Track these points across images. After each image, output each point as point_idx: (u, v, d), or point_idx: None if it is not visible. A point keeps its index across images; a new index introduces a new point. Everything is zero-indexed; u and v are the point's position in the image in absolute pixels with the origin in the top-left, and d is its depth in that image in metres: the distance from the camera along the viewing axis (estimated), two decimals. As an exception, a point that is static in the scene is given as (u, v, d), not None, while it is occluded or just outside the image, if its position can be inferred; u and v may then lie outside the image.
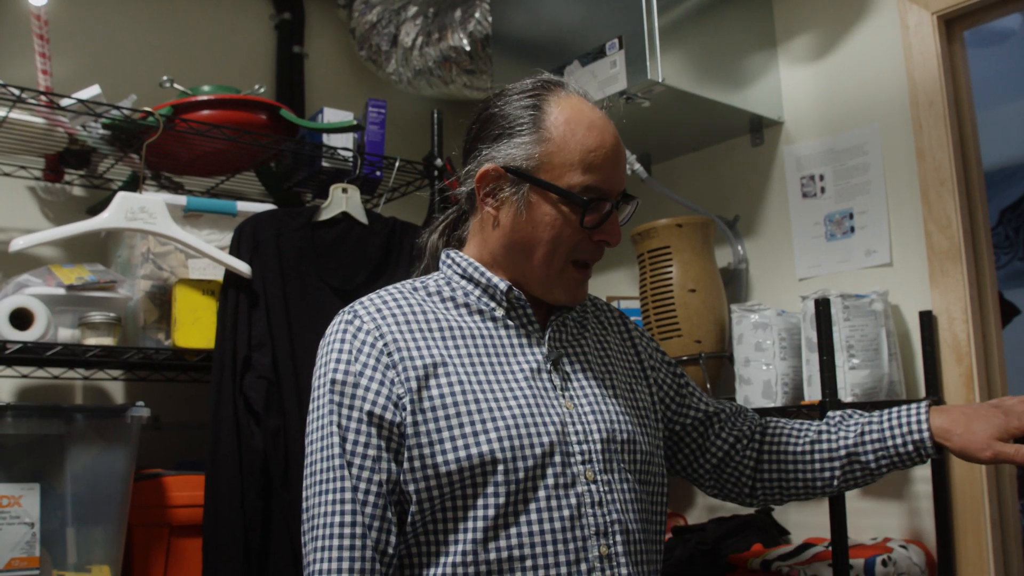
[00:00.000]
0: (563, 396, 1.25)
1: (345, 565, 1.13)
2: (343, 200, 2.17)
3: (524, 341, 1.27)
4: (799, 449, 1.40)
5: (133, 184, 2.29)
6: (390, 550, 1.16)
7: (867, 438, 1.35)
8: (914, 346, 1.96)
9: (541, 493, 1.17)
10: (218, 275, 2.11)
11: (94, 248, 2.40)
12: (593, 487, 1.20)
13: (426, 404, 1.17)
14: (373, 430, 1.17)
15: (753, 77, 2.23)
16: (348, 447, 1.17)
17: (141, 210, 1.95)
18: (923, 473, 1.92)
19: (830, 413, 1.43)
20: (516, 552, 1.14)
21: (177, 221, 2.04)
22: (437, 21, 2.67)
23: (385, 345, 1.20)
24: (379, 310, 1.24)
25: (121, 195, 1.96)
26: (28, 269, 2.07)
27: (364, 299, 1.27)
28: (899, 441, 1.32)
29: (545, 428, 1.19)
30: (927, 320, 1.92)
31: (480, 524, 1.15)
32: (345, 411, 1.19)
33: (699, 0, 2.13)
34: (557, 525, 1.16)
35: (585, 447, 1.22)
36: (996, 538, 1.84)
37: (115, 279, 2.09)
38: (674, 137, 2.42)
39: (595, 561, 1.17)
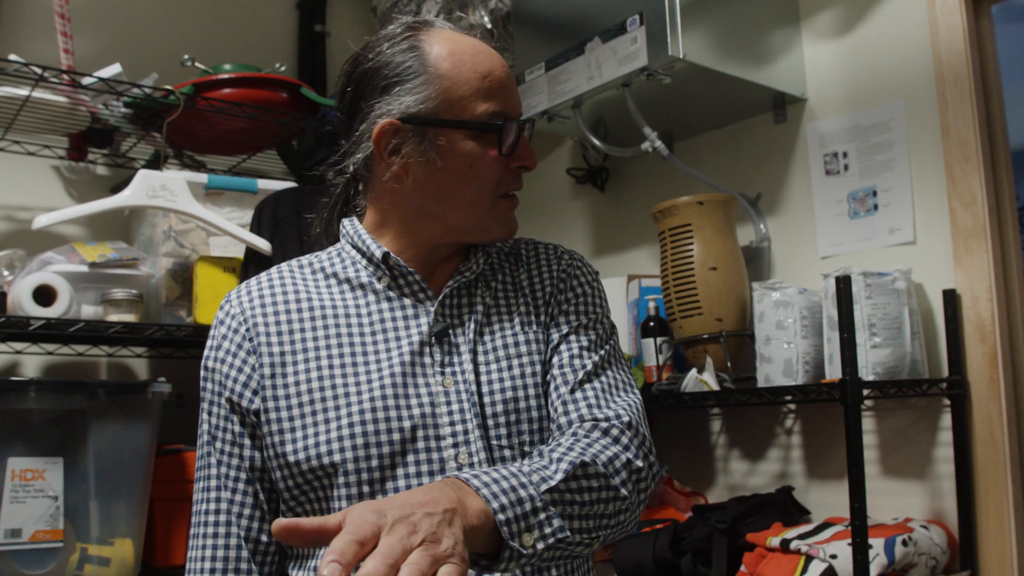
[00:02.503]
0: (441, 373, 1.14)
1: (208, 553, 1.12)
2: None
3: (411, 313, 1.17)
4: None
5: (156, 162, 2.31)
6: (263, 537, 1.13)
7: None
8: (937, 325, 1.94)
9: (401, 483, 1.08)
10: (239, 252, 2.12)
11: (117, 226, 2.42)
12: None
13: (280, 392, 1.12)
14: (235, 417, 1.14)
15: (776, 53, 2.21)
16: (217, 433, 1.15)
17: (162, 188, 1.97)
18: (945, 453, 1.90)
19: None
20: None
21: (198, 199, 2.06)
22: (458, -1, 2.66)
23: (247, 331, 1.16)
24: (249, 293, 1.19)
25: (142, 173, 1.97)
26: (53, 247, 2.09)
27: (248, 280, 1.23)
28: None
29: (408, 413, 1.10)
30: (951, 299, 1.89)
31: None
32: (214, 397, 1.16)
33: (721, -25, 2.11)
34: None
35: (459, 427, 1.11)
36: (1019, 519, 1.82)
37: (137, 256, 2.10)
38: (696, 114, 2.40)
39: None
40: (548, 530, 0.95)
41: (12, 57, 2.02)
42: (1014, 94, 2.07)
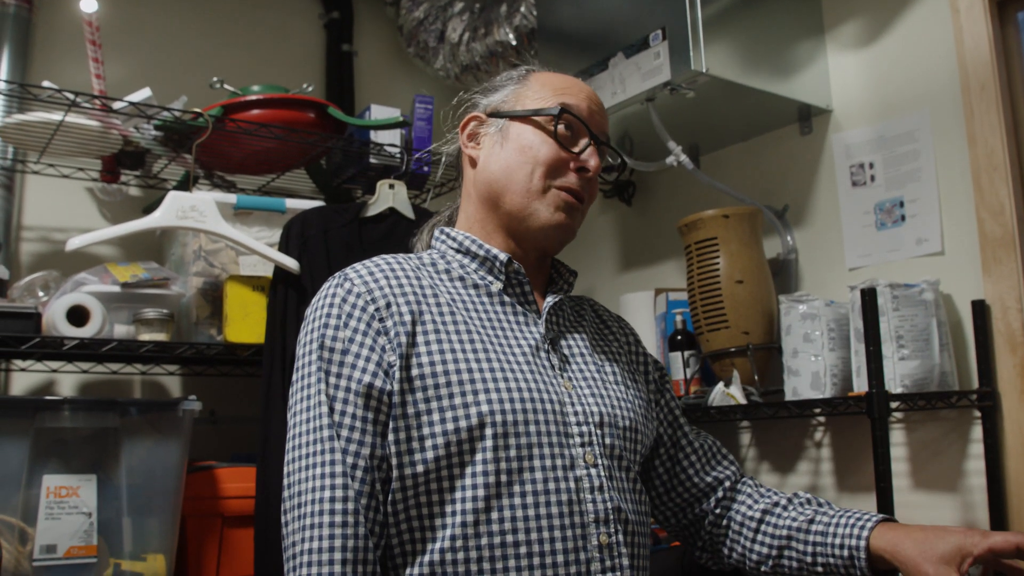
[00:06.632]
0: (561, 376, 1.19)
1: (338, 543, 1.05)
2: (390, 196, 2.20)
3: (521, 319, 1.22)
4: (748, 514, 1.35)
5: (186, 184, 2.34)
6: (377, 529, 1.09)
7: (813, 527, 1.28)
8: (967, 336, 1.92)
9: (538, 475, 1.09)
10: (268, 271, 2.15)
11: (150, 246, 2.46)
12: (593, 471, 1.13)
13: (414, 372, 1.10)
14: (360, 400, 1.10)
15: (801, 65, 2.20)
16: (336, 418, 1.09)
17: (192, 209, 2.00)
18: (976, 466, 1.88)
19: (800, 493, 1.37)
20: (510, 537, 1.06)
21: (228, 219, 2.08)
22: (483, 16, 2.68)
23: (377, 310, 1.14)
24: (371, 273, 1.18)
25: (172, 194, 2.00)
26: (86, 267, 2.13)
27: (357, 264, 1.22)
28: (837, 541, 1.24)
29: (542, 404, 1.13)
30: (980, 309, 1.88)
31: (470, 505, 1.07)
32: (333, 379, 1.11)
33: (744, -12, 2.12)
34: (555, 510, 1.09)
35: (585, 429, 1.16)
36: (1053, 532, 1.80)
37: (168, 276, 2.14)
38: (721, 128, 2.40)
39: (595, 551, 1.10)
40: None
41: (46, 83, 2.06)
42: (1043, 102, 2.05)
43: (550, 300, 1.27)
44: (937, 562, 1.15)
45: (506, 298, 1.24)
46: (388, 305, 1.14)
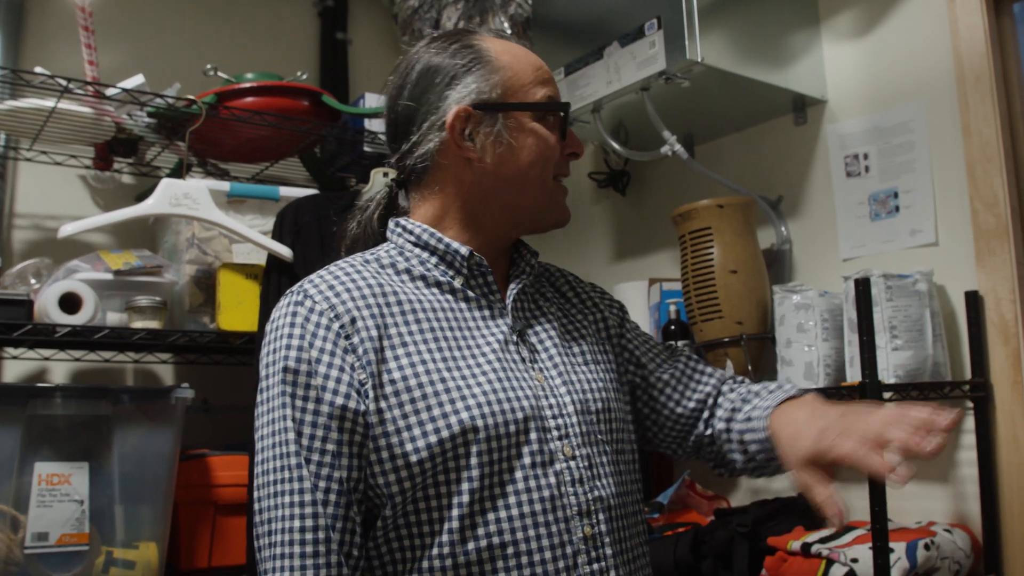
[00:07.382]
0: (532, 369, 1.17)
1: (310, 573, 1.02)
2: (383, 184, 2.19)
3: (486, 313, 1.19)
4: (720, 427, 1.32)
5: (180, 171, 2.34)
6: (355, 552, 1.06)
7: (750, 425, 1.25)
8: (960, 327, 1.92)
9: (518, 474, 1.08)
10: (261, 259, 2.14)
11: (143, 234, 2.45)
12: (572, 464, 1.12)
13: (388, 389, 1.07)
14: (333, 423, 1.06)
15: (796, 55, 2.20)
16: (305, 442, 1.05)
17: (185, 196, 1.99)
18: (968, 456, 1.88)
19: (762, 385, 1.33)
20: (496, 540, 1.06)
21: (221, 207, 2.08)
22: (478, 5, 2.67)
23: (342, 327, 1.08)
24: (331, 287, 1.12)
25: (165, 182, 2.00)
26: (79, 255, 2.12)
27: (313, 276, 1.16)
28: (759, 425, 1.22)
29: (519, 403, 1.11)
30: (973, 300, 1.88)
31: (456, 513, 1.06)
32: (299, 403, 1.06)
33: (740, -22, 2.11)
34: (537, 507, 1.08)
35: (560, 421, 1.14)
36: (1044, 522, 1.81)
37: (161, 264, 2.13)
38: (716, 118, 2.39)
39: (579, 543, 1.10)
40: None
41: (38, 69, 2.05)
42: (1037, 93, 2.05)
43: (513, 288, 1.23)
44: (799, 463, 1.08)
45: (469, 293, 1.20)
46: (353, 320, 1.10)
